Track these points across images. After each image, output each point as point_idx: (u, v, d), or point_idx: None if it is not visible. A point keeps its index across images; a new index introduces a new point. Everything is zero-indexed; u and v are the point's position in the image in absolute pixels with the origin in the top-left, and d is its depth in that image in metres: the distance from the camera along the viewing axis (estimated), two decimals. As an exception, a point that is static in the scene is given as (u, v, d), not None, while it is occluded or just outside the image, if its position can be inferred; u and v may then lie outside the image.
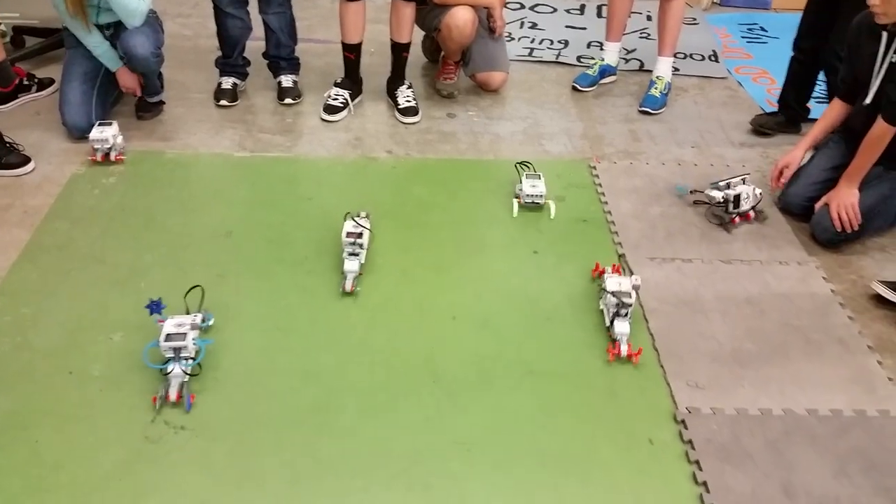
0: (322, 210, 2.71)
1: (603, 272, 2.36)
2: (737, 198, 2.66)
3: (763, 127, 3.26)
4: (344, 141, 3.14)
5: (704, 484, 1.82)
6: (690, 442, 1.93)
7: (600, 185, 2.92)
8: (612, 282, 2.23)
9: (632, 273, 2.43)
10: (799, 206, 2.72)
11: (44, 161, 2.89)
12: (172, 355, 1.96)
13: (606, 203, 2.82)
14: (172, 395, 1.92)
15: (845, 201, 2.55)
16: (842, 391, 2.10)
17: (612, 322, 2.20)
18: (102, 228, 2.57)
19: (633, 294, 2.18)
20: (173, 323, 2.00)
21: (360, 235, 2.37)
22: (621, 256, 2.56)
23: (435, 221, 2.70)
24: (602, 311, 2.30)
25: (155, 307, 2.03)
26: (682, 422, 1.98)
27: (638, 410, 2.03)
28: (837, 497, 1.81)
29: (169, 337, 1.96)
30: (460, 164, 3.04)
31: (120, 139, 2.88)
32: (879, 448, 1.94)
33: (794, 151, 2.76)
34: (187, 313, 2.09)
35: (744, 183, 2.70)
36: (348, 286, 2.32)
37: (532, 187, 2.71)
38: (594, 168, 3.02)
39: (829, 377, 2.14)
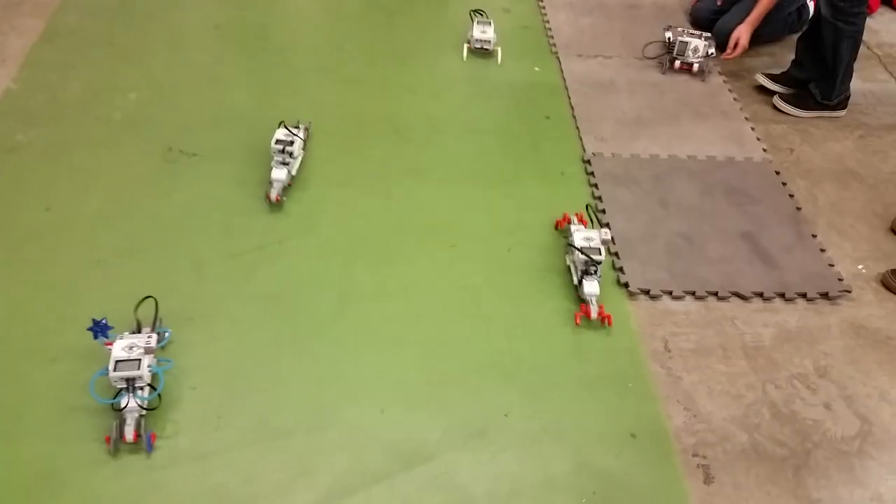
0: (297, 11, 3.13)
1: (567, 222, 2.19)
2: (683, 44, 2.90)
3: None
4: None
5: (599, 198, 2.38)
6: (592, 173, 2.47)
7: (541, 0, 3.37)
8: (580, 237, 2.03)
9: (601, 223, 2.23)
10: (706, 18, 3.20)
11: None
12: (125, 386, 1.60)
13: (546, 15, 3.28)
14: (129, 435, 1.57)
15: (741, 41, 2.95)
16: (718, 144, 2.65)
17: (580, 282, 2.02)
18: (109, 19, 2.97)
19: (603, 251, 2.01)
20: (123, 345, 1.62)
21: (290, 143, 2.24)
22: (554, 54, 3.04)
23: (397, 24, 3.15)
24: (568, 267, 2.12)
25: (100, 329, 1.64)
26: (588, 161, 2.52)
27: (555, 155, 2.56)
28: (700, 207, 2.39)
29: (119, 365, 1.59)
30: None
31: None
32: (739, 180, 2.51)
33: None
34: (138, 331, 1.74)
35: (700, 38, 2.91)
36: (273, 195, 2.19)
37: (482, 33, 2.93)
38: (537, -12, 3.46)
39: (709, 136, 2.69)
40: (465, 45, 2.99)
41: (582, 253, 1.99)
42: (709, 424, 1.79)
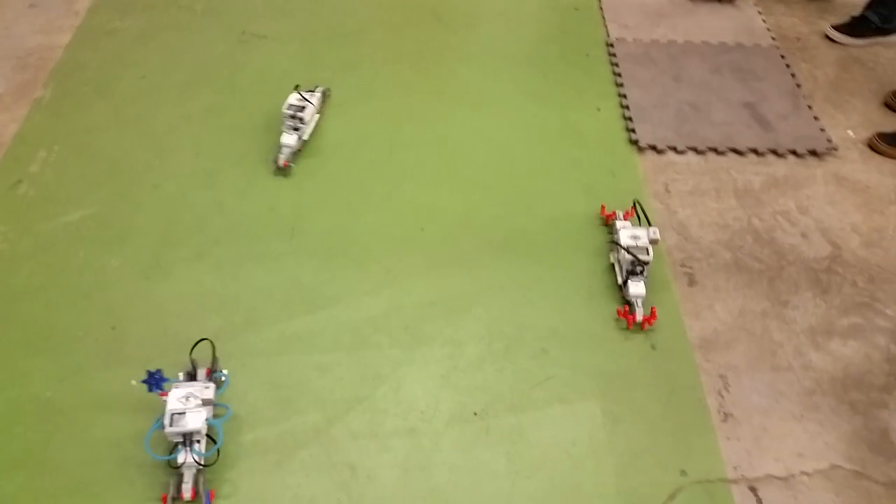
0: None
1: (613, 217, 2.08)
2: None
3: None
4: None
5: (619, 74, 2.68)
6: (614, 55, 2.77)
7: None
8: (626, 234, 1.91)
9: (649, 222, 2.04)
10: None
11: None
12: (181, 440, 1.52)
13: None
14: (186, 493, 1.50)
15: None
16: (730, 33, 2.91)
17: (625, 282, 1.91)
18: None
19: (651, 250, 1.89)
20: (179, 395, 1.52)
21: (301, 109, 2.23)
22: None
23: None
24: (612, 265, 2.01)
25: (154, 382, 1.53)
26: (611, 45, 2.82)
27: (581, 40, 2.86)
28: (709, 82, 2.67)
29: (175, 419, 1.49)
30: None
31: None
32: (746, 61, 2.78)
33: None
34: (194, 376, 1.65)
35: None
36: (281, 161, 2.19)
37: None
38: None
39: (724, 27, 2.95)
40: None
41: (628, 252, 1.88)
42: (697, 245, 2.12)
